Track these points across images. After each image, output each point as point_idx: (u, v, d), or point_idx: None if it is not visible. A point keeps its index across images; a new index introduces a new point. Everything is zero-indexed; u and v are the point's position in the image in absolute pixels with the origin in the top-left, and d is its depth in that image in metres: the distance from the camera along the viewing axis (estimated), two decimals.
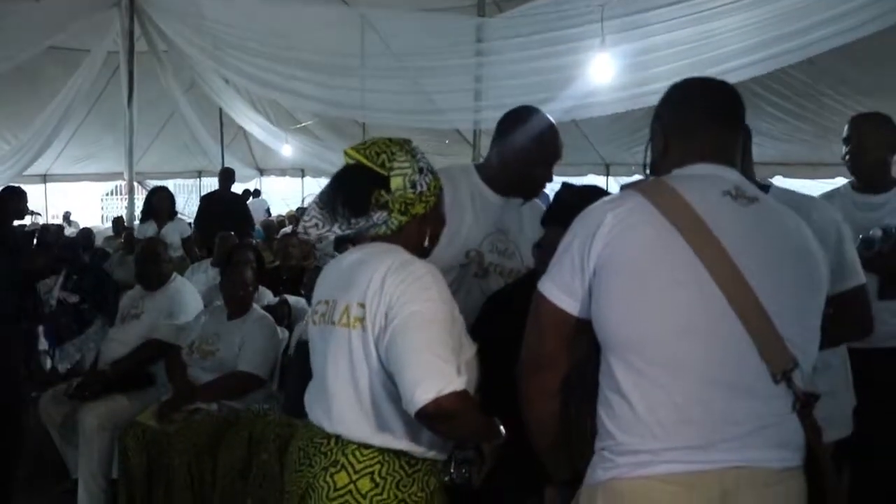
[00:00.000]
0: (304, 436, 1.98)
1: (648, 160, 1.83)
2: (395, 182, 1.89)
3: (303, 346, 2.11)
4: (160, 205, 7.56)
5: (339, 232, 1.91)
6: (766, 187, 2.62)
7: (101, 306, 5.42)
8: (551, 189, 2.70)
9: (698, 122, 1.71)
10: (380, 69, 8.29)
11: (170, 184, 17.07)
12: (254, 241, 8.24)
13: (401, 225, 1.92)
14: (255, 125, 11.55)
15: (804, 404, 1.50)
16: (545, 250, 2.22)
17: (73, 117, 10.74)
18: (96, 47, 9.52)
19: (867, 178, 3.18)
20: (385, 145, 1.94)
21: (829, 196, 3.33)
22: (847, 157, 3.27)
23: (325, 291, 2.00)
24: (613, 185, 14.04)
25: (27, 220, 11.34)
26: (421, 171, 1.93)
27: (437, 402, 1.67)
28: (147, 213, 7.74)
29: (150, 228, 7.31)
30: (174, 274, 4.22)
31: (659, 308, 1.49)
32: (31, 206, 12.54)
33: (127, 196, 10.39)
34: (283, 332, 3.84)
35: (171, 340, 3.86)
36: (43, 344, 6.44)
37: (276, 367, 3.65)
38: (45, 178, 14.12)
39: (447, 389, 1.68)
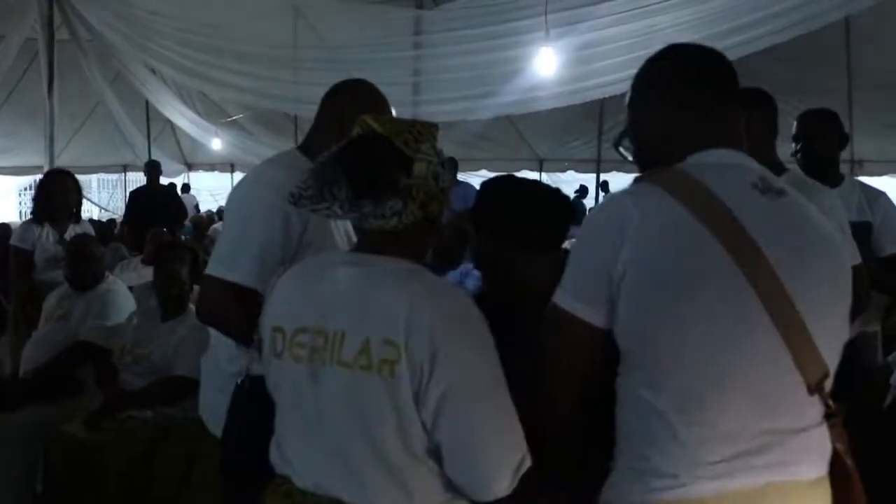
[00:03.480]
0: None
1: (629, 146, 1.64)
2: (419, 168, 1.50)
3: (255, 384, 1.68)
4: (64, 200, 4.72)
5: (337, 213, 1.50)
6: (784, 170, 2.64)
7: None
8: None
9: (712, 98, 1.52)
10: (313, 61, 8.12)
11: (93, 178, 16.69)
12: (183, 238, 8.01)
13: (414, 221, 1.51)
14: (183, 118, 11.21)
15: (830, 413, 1.44)
16: (487, 262, 2.03)
17: None
18: (12, 33, 9.04)
19: (820, 173, 3.19)
20: (410, 123, 1.58)
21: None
22: (798, 153, 3.29)
23: (308, 314, 1.53)
24: (546, 180, 14.18)
25: None
26: (443, 164, 1.57)
27: (513, 489, 1.44)
28: (44, 210, 4.73)
29: (46, 234, 4.62)
30: (106, 273, 3.98)
31: (699, 320, 1.35)
32: None
33: None
34: None
35: (101, 343, 3.62)
36: None
37: None
38: None
39: (522, 470, 1.44)
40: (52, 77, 8.83)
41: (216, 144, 11.91)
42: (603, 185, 13.22)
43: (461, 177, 9.58)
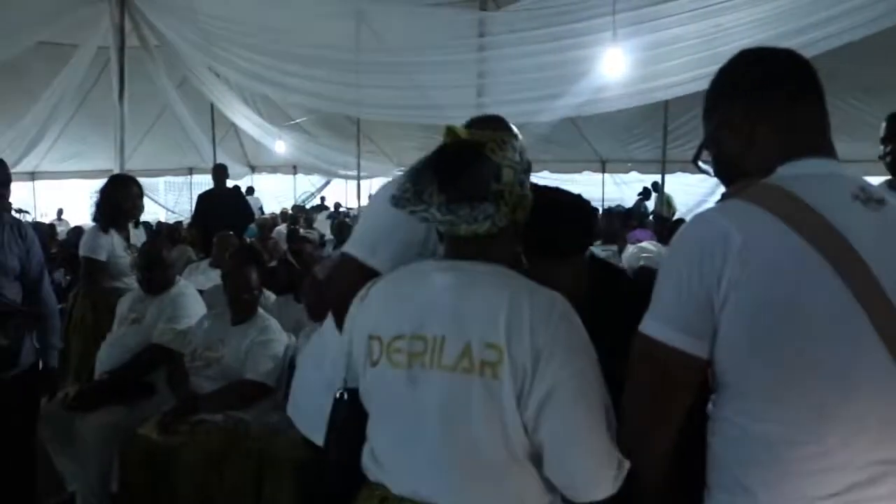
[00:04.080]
0: None
1: (708, 159, 1.55)
2: (507, 174, 1.52)
3: (353, 395, 1.64)
4: (132, 206, 4.68)
5: (435, 216, 1.49)
6: None
7: None
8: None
9: (791, 102, 1.43)
10: (376, 64, 8.14)
11: (160, 181, 17.05)
12: (248, 241, 8.10)
13: (504, 227, 1.52)
14: (247, 121, 11.38)
15: None
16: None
17: (62, 114, 10.51)
18: (85, 42, 9.29)
19: None
20: (493, 130, 1.61)
21: None
22: (887, 156, 3.14)
23: (405, 322, 1.53)
24: (610, 181, 13.99)
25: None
26: (526, 171, 1.59)
27: (613, 492, 1.43)
28: (111, 217, 4.59)
29: (115, 242, 4.51)
30: (177, 276, 4.03)
31: (812, 350, 1.27)
32: (19, 203, 12.43)
33: None
34: (290, 338, 3.66)
35: (172, 346, 3.67)
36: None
37: (284, 374, 3.47)
38: (33, 176, 13.92)
39: (623, 472, 1.43)
40: (123, 83, 9.05)
41: (279, 147, 12.07)
42: (654, 186, 12.94)
43: None
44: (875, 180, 3.20)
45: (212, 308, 3.89)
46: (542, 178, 13.21)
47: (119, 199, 4.57)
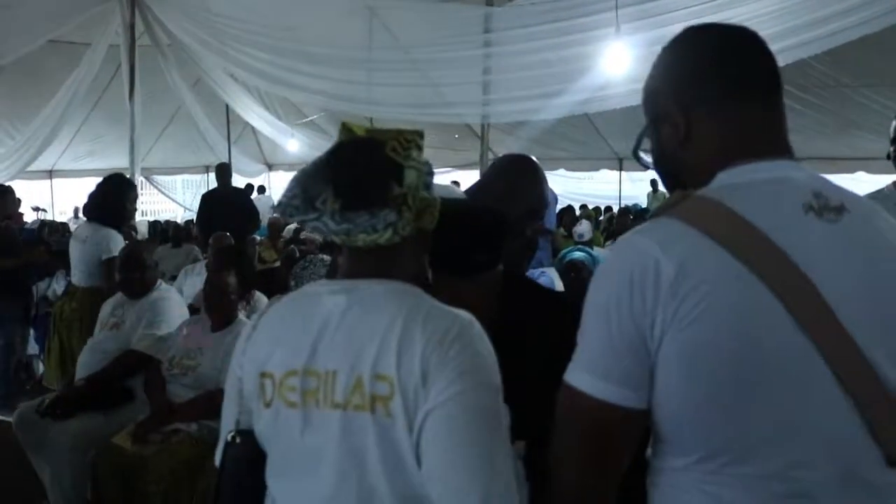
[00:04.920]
0: None
1: (647, 150, 1.32)
2: (410, 176, 1.34)
3: (247, 441, 1.43)
4: (132, 206, 4.93)
5: (331, 226, 1.31)
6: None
7: None
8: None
9: (746, 93, 1.21)
10: (387, 62, 8.07)
11: (178, 179, 17.11)
12: (257, 240, 8.03)
13: (408, 236, 1.34)
14: (260, 120, 11.35)
15: None
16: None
17: (77, 112, 10.61)
18: (97, 41, 9.31)
19: None
20: (397, 130, 1.41)
21: (873, 198, 3.05)
22: (895, 158, 2.97)
23: (297, 355, 1.35)
24: (627, 180, 13.80)
25: (34, 216, 11.32)
26: (431, 173, 1.43)
27: None
28: (118, 216, 4.77)
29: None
30: (159, 280, 3.95)
31: (760, 402, 1.08)
32: (37, 202, 12.50)
33: None
34: None
35: (150, 353, 3.58)
36: (33, 348, 6.26)
37: None
38: (51, 174, 14.06)
39: None
40: (133, 82, 9.06)
41: (292, 146, 12.02)
42: (652, 184, 12.64)
43: None
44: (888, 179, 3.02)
45: (199, 313, 3.80)
46: (557, 175, 13.08)
47: (125, 200, 4.64)
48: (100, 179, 4.97)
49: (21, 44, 8.41)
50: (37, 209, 12.02)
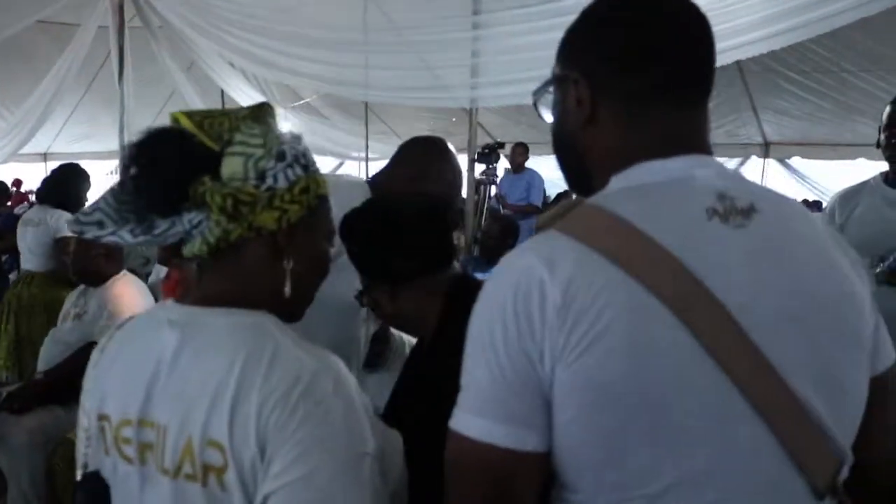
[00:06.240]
0: None
1: (554, 119, 1.16)
2: (230, 165, 1.13)
3: (94, 483, 1.24)
4: (85, 198, 4.89)
5: (128, 239, 1.13)
6: None
7: None
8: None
9: (661, 79, 1.06)
10: (383, 44, 7.93)
11: None
12: None
13: (228, 241, 1.13)
14: (251, 101, 11.21)
15: None
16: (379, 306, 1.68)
17: (68, 94, 10.50)
18: (87, 21, 9.18)
19: None
20: (233, 111, 1.22)
21: (857, 190, 2.92)
22: (885, 146, 2.84)
23: (133, 400, 1.16)
24: None
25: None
26: (282, 156, 1.18)
27: None
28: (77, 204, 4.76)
29: None
30: (123, 270, 3.84)
31: (668, 439, 0.94)
32: (32, 184, 12.43)
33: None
34: None
35: None
36: None
37: None
38: (45, 157, 13.96)
39: None
40: (123, 63, 8.95)
41: (284, 129, 11.87)
42: None
43: (534, 162, 9.28)
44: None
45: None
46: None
47: (82, 190, 4.62)
48: (94, 162, 5.00)
49: (7, 24, 8.31)
50: (30, 192, 11.96)
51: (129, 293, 3.67)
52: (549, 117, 1.21)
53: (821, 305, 1.01)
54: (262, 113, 1.22)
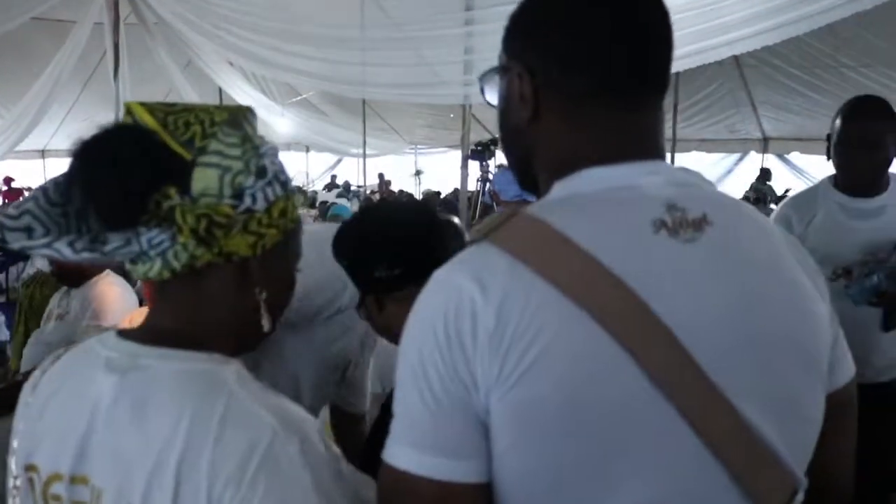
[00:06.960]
0: None
1: (499, 111, 1.06)
2: (203, 178, 0.97)
3: None
4: None
5: (67, 253, 0.92)
6: None
7: None
8: None
9: (606, 78, 0.96)
10: (380, 41, 7.89)
11: None
12: None
13: (195, 266, 0.98)
14: (250, 99, 11.20)
15: None
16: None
17: (65, 91, 10.46)
18: (82, 18, 9.15)
19: (870, 179, 2.65)
20: (206, 112, 1.00)
21: (811, 197, 2.78)
22: (840, 161, 2.70)
23: (64, 450, 1.00)
24: None
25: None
26: (262, 173, 1.01)
27: None
28: None
29: None
30: (106, 270, 3.79)
31: (608, 472, 0.86)
32: (30, 182, 12.42)
33: None
34: None
35: None
36: (5, 334, 6.15)
37: None
38: (43, 154, 13.95)
39: None
40: (118, 60, 8.89)
41: (282, 126, 11.86)
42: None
43: None
44: None
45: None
46: None
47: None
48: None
49: (2, 20, 8.27)
50: (28, 189, 11.95)
51: (112, 293, 3.59)
52: (493, 100, 1.10)
53: (775, 326, 0.93)
54: (239, 117, 1.03)
